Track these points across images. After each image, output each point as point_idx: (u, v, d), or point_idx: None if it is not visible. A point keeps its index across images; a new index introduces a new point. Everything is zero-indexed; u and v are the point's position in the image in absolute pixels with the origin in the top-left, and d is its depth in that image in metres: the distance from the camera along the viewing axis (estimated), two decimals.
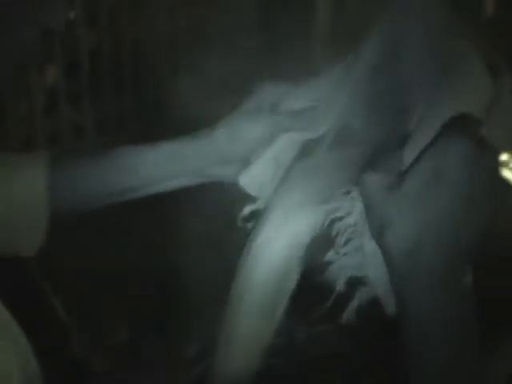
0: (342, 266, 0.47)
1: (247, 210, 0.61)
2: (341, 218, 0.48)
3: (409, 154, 0.45)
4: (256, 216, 0.61)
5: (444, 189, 0.42)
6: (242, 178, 0.61)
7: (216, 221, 0.68)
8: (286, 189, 0.57)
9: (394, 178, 0.44)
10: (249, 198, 0.61)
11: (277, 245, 0.54)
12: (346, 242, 0.47)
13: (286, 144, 0.61)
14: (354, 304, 0.46)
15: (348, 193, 0.48)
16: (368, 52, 0.59)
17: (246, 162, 0.61)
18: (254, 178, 0.61)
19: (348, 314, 0.46)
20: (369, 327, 0.48)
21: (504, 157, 0.49)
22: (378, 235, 0.43)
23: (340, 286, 0.47)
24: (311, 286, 0.49)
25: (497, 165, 0.45)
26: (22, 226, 0.59)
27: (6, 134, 1.01)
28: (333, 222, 0.48)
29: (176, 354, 0.65)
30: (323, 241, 0.49)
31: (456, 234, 0.42)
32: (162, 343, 0.68)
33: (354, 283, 0.46)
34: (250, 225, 0.61)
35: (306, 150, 0.61)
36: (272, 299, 0.55)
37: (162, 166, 0.61)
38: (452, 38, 0.54)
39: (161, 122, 1.14)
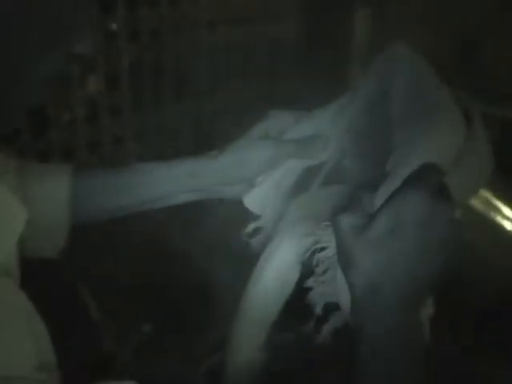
0: (320, 292, 0.54)
1: (251, 227, 0.68)
2: (321, 250, 0.54)
3: (379, 199, 0.51)
4: (258, 232, 0.68)
5: (402, 237, 0.48)
6: (246, 199, 0.68)
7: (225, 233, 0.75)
8: (286, 216, 0.64)
9: (365, 220, 0.50)
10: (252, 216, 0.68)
11: (274, 263, 0.61)
12: (324, 272, 0.54)
13: (288, 170, 0.67)
14: (330, 326, 0.52)
15: (329, 227, 0.54)
16: (365, 88, 0.65)
17: (250, 184, 0.68)
18: (257, 199, 0.68)
19: (324, 334, 0.53)
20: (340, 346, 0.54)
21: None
22: (344, 270, 0.50)
23: (319, 310, 0.53)
24: (294, 308, 0.56)
25: (453, 215, 0.50)
26: (43, 230, 0.65)
27: (47, 144, 1.06)
28: (314, 252, 0.55)
29: (193, 347, 0.73)
30: (305, 268, 0.56)
31: (412, 277, 0.48)
32: (180, 337, 0.76)
33: (330, 308, 0.53)
34: (253, 240, 0.68)
35: (305, 177, 0.68)
36: (270, 306, 0.62)
37: (172, 183, 0.68)
38: (433, 84, 0.59)
39: (200, 136, 1.19)
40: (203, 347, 0.69)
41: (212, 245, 0.76)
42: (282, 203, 0.67)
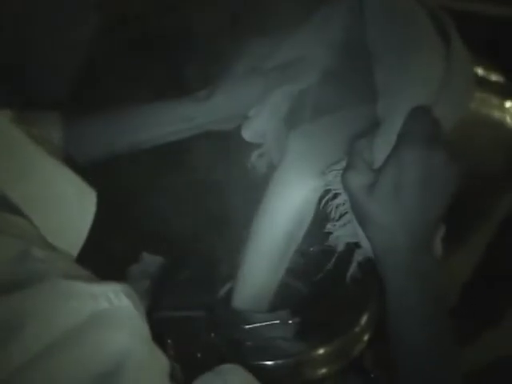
0: (339, 235, 0.60)
1: (255, 154, 0.71)
2: (333, 197, 0.59)
3: (378, 153, 0.55)
4: (264, 159, 0.72)
5: (408, 190, 0.53)
6: (244, 131, 0.71)
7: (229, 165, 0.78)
8: (289, 147, 0.66)
9: (371, 178, 0.54)
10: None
11: (286, 200, 0.66)
12: (340, 217, 0.59)
13: (280, 97, 0.69)
14: (355, 262, 0.59)
15: (337, 174, 0.58)
16: (339, 16, 0.65)
17: (245, 117, 0.71)
18: (256, 130, 0.70)
19: (352, 270, 0.60)
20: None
21: None
22: (360, 225, 0.56)
23: (340, 248, 0.60)
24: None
25: (449, 152, 0.55)
26: None
27: None
28: (327, 200, 0.60)
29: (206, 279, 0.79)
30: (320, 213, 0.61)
31: (424, 221, 0.54)
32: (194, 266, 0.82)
33: (352, 247, 0.59)
34: (260, 167, 0.71)
35: (298, 102, 0.70)
36: (285, 241, 0.68)
37: (169, 124, 0.70)
38: (407, 7, 0.60)
39: None
40: (216, 279, 0.75)
41: (218, 176, 0.79)
42: (281, 131, 0.70)
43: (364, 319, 0.69)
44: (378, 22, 0.60)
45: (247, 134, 0.71)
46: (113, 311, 0.37)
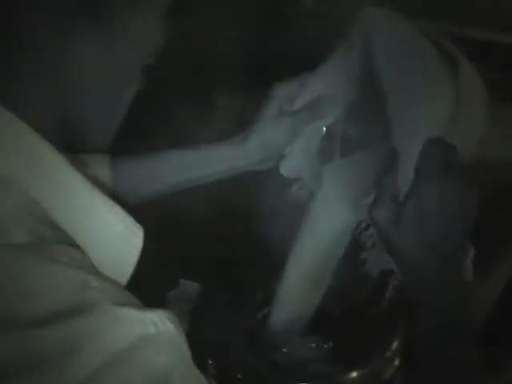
0: (374, 262, 0.63)
1: (295, 187, 0.75)
2: (366, 228, 0.63)
3: (401, 185, 0.58)
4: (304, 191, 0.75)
5: (430, 221, 0.57)
6: (281, 168, 0.75)
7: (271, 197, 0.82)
8: (325, 179, 0.70)
9: (395, 212, 0.58)
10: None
11: (322, 228, 0.69)
12: (374, 245, 0.63)
13: (310, 134, 0.73)
14: (390, 287, 0.63)
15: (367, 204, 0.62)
16: (356, 52, 0.69)
17: (280, 156, 0.75)
18: (291, 166, 0.74)
19: (388, 293, 0.63)
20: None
21: None
22: (390, 254, 0.60)
23: (374, 274, 0.64)
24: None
25: (467, 183, 0.57)
26: None
27: None
28: (360, 231, 0.64)
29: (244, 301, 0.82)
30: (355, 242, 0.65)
31: (447, 247, 0.57)
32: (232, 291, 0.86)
33: (387, 273, 0.63)
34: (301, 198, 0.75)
35: (328, 137, 0.74)
36: (323, 266, 0.71)
37: (210, 167, 0.74)
38: (414, 43, 0.63)
39: None
40: (254, 303, 0.79)
41: (261, 206, 0.83)
42: (315, 165, 0.74)
43: (395, 344, 0.72)
44: (386, 56, 0.63)
45: (284, 170, 0.75)
46: (158, 335, 0.41)
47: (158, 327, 0.41)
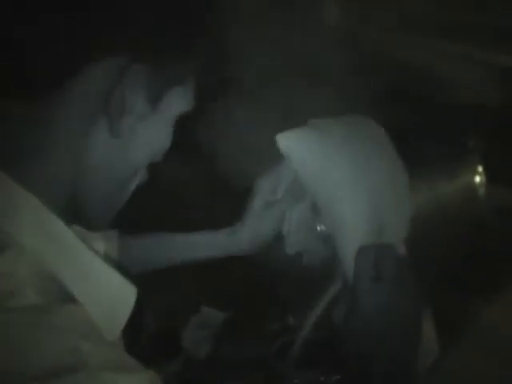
0: None
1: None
2: None
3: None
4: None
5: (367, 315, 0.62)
6: (287, 249, 0.80)
7: None
8: None
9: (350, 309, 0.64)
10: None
11: None
12: None
13: (298, 215, 0.80)
14: None
15: None
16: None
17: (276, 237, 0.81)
18: (294, 242, 0.80)
19: None
20: None
21: None
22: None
23: None
24: None
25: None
26: None
27: None
28: None
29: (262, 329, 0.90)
30: None
31: (404, 318, 0.62)
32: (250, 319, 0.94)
33: None
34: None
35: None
36: None
37: (205, 251, 0.84)
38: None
39: None
40: (273, 330, 0.87)
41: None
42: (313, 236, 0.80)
43: None
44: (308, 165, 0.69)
45: (290, 249, 0.80)
46: None
47: None
